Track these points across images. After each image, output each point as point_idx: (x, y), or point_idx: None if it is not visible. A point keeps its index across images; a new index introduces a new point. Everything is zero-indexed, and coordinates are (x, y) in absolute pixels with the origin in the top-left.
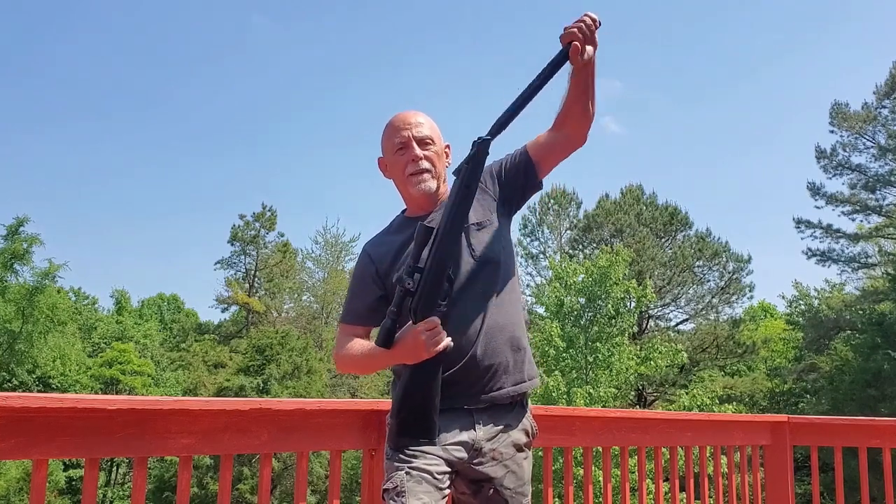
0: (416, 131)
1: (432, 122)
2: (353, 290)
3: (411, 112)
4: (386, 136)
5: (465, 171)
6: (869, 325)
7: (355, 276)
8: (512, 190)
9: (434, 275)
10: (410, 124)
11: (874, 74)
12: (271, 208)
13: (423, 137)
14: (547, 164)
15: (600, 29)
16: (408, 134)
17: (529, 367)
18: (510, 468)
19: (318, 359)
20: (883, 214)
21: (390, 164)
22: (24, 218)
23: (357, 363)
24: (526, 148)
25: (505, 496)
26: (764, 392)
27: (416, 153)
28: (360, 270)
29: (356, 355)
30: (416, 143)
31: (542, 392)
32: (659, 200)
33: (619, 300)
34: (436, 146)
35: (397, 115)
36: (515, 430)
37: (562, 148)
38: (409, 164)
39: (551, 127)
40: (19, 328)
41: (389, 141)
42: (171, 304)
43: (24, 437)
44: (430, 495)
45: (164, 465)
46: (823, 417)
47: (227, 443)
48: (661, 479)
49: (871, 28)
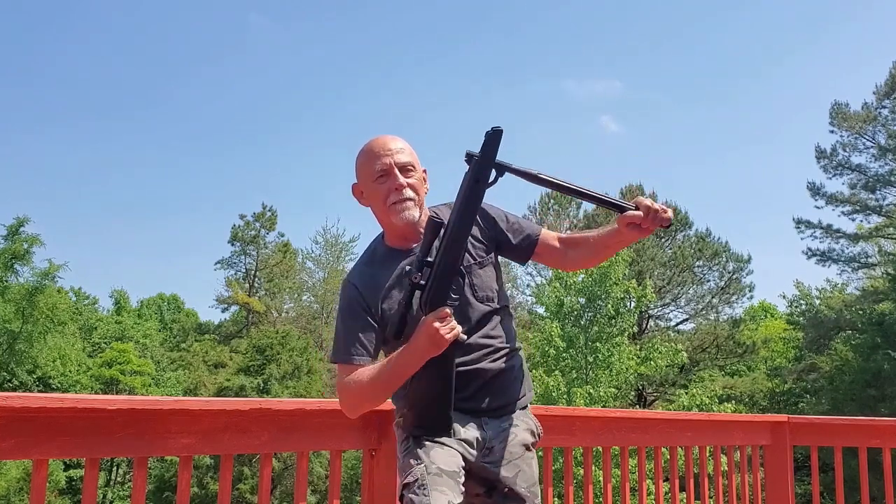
0: (397, 158)
1: (410, 147)
2: (348, 323)
3: (389, 137)
4: (363, 163)
5: (475, 163)
6: (869, 325)
7: (346, 310)
8: (505, 250)
9: (445, 268)
10: (391, 150)
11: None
12: (271, 208)
13: (404, 164)
14: (539, 259)
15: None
16: (389, 161)
17: (528, 383)
18: (520, 467)
19: (318, 359)
20: (883, 214)
21: (369, 192)
22: (25, 218)
23: (369, 389)
24: (539, 237)
25: (522, 495)
26: (764, 392)
27: (399, 181)
28: (348, 303)
29: (366, 381)
30: (398, 170)
31: (542, 392)
32: (659, 200)
33: (618, 300)
34: (416, 173)
35: (375, 141)
36: (522, 431)
37: (558, 262)
38: (391, 193)
39: (566, 240)
40: (19, 328)
41: (368, 167)
42: (172, 304)
43: (24, 437)
44: (452, 489)
45: (164, 465)
46: (823, 417)
47: (227, 443)
48: (661, 479)
49: (871, 28)
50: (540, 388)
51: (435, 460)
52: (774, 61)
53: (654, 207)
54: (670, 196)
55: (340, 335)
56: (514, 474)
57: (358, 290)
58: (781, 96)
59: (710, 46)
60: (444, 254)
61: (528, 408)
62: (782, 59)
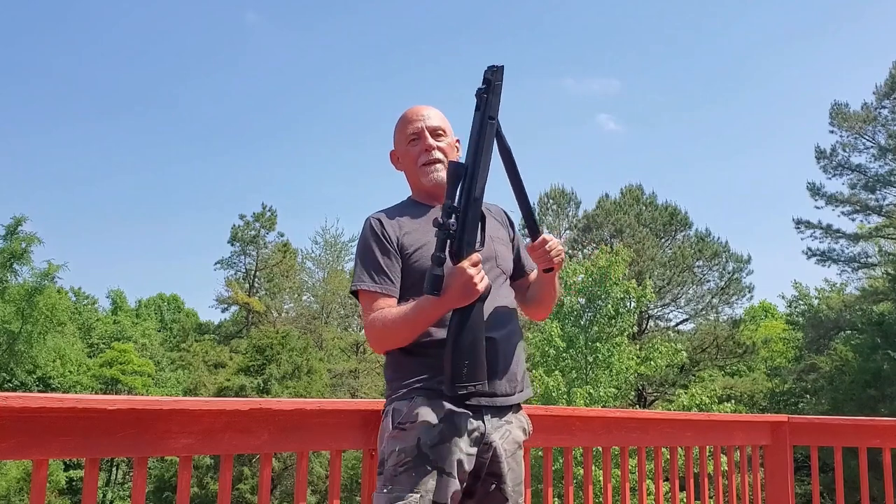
0: (428, 122)
1: (443, 115)
2: (370, 254)
3: (423, 106)
4: (398, 129)
5: (484, 102)
6: (869, 325)
7: (368, 241)
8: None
9: (472, 214)
10: (423, 116)
11: (874, 74)
12: (271, 208)
13: (435, 128)
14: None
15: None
16: (420, 125)
17: (527, 378)
18: (510, 465)
19: (318, 359)
20: (883, 214)
21: (402, 155)
22: (22, 217)
23: (394, 327)
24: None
25: (506, 493)
26: (764, 392)
27: (428, 143)
28: (371, 233)
29: (397, 320)
30: (428, 133)
31: (542, 392)
32: (659, 200)
33: (618, 300)
34: (447, 137)
35: (410, 109)
36: (515, 428)
37: (522, 300)
38: (421, 154)
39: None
40: (19, 328)
41: (402, 132)
42: (171, 304)
43: (24, 437)
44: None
45: (164, 465)
46: (823, 417)
47: (227, 443)
48: (661, 479)
49: (871, 28)
50: (540, 388)
51: (431, 492)
52: (774, 61)
53: (545, 248)
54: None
55: (366, 265)
56: (505, 472)
57: (381, 223)
58: (781, 96)
59: (709, 46)
60: (468, 193)
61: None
62: (782, 59)
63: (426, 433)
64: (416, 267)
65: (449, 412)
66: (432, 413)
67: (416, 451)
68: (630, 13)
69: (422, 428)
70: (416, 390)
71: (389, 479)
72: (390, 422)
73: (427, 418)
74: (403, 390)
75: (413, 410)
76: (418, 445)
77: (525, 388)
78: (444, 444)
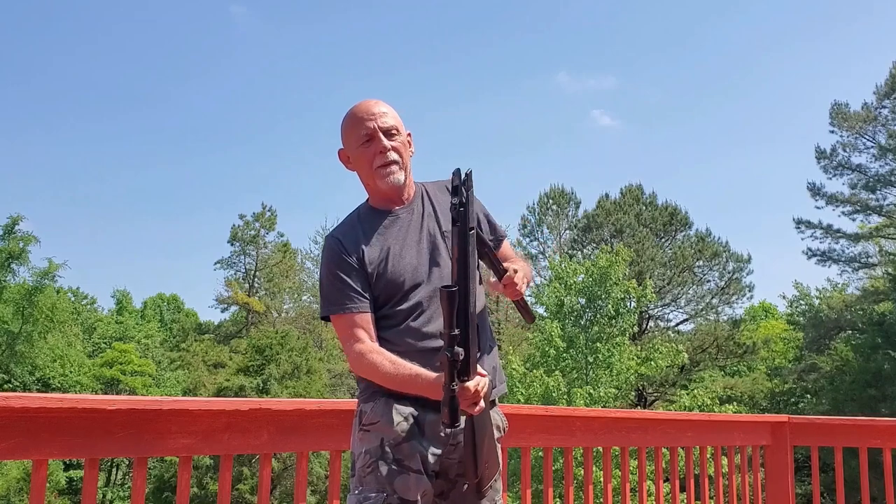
0: (381, 122)
1: (394, 111)
2: (334, 276)
3: (373, 101)
4: (348, 127)
5: (462, 215)
6: (869, 325)
7: (329, 263)
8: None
9: (472, 332)
10: (375, 114)
11: (874, 74)
12: (271, 208)
13: (388, 128)
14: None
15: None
16: (373, 125)
17: (501, 374)
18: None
19: (318, 359)
20: (883, 214)
21: (355, 157)
22: (18, 216)
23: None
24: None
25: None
26: (764, 392)
27: (383, 145)
28: (331, 255)
29: (388, 376)
30: (382, 134)
31: (542, 392)
32: (659, 200)
33: (619, 300)
34: (401, 136)
35: (359, 105)
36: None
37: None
38: (376, 157)
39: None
40: (19, 328)
41: (353, 132)
42: (171, 304)
43: (24, 437)
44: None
45: (164, 465)
46: (823, 417)
47: (227, 443)
48: (661, 479)
49: (871, 28)
50: (540, 388)
51: (398, 490)
52: (774, 60)
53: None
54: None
55: (332, 288)
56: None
57: (340, 242)
58: (781, 96)
59: (708, 45)
60: (465, 314)
61: (496, 402)
62: (782, 59)
63: (389, 433)
64: (384, 276)
65: (411, 413)
66: (396, 413)
67: (379, 452)
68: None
69: (385, 428)
70: (381, 392)
71: (359, 480)
72: (357, 424)
73: (390, 418)
74: (369, 392)
75: (376, 412)
76: (381, 445)
77: (498, 383)
78: (407, 443)
